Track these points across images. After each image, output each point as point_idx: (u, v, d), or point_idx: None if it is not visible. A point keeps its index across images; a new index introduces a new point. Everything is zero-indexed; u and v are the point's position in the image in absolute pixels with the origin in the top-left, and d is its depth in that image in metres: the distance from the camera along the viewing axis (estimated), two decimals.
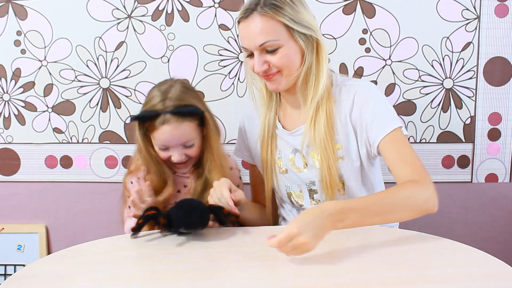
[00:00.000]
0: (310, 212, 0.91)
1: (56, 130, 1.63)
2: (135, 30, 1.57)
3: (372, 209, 0.97)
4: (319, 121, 1.12)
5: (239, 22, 1.09)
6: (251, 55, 1.09)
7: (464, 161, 1.61)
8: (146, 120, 1.15)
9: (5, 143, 1.64)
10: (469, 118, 1.59)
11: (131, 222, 1.16)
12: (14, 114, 1.62)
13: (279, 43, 1.06)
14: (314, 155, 1.16)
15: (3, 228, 1.67)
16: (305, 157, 1.18)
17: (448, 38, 1.54)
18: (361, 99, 1.12)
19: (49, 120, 1.62)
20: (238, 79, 1.58)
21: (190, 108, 1.14)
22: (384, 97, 1.14)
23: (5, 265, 1.69)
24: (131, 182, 1.24)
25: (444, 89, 1.58)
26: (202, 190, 1.22)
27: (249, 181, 1.39)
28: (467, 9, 1.53)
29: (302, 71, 1.10)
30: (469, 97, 1.58)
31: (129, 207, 1.13)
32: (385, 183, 1.25)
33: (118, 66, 1.59)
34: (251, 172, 1.35)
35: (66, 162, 1.64)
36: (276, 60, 1.07)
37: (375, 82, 1.55)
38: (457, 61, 1.56)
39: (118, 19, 1.56)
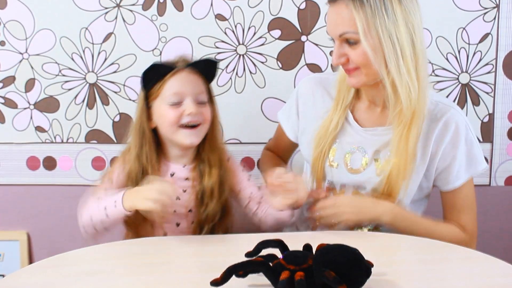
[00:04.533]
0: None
1: (39, 129, 1.63)
2: (124, 20, 1.56)
3: (416, 227, 1.14)
4: (411, 139, 1.11)
5: (327, 4, 1.10)
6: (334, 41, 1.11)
7: None
8: (158, 75, 1.17)
9: None
10: (487, 116, 1.59)
11: (95, 205, 1.16)
12: None
13: (359, 37, 1.05)
14: (378, 161, 1.17)
15: None
16: (368, 159, 1.17)
17: (464, 29, 1.54)
18: (453, 128, 1.15)
19: (31, 118, 1.62)
20: (236, 73, 1.58)
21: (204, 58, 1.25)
22: (474, 133, 1.19)
23: None
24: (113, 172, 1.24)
25: (460, 85, 1.58)
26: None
27: None
28: None
29: (389, 76, 1.07)
30: (487, 93, 1.58)
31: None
32: None
33: (106, 59, 1.58)
34: (281, 137, 1.35)
35: (50, 163, 1.64)
36: (356, 55, 1.07)
37: None
38: (474, 54, 1.56)
39: (106, 8, 1.56)
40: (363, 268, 0.80)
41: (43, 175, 1.65)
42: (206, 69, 1.22)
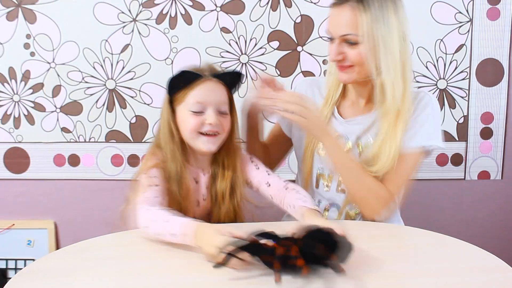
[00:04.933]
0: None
1: (64, 130, 1.64)
2: (140, 33, 1.58)
3: (348, 164, 1.11)
4: (398, 131, 1.11)
5: (332, 6, 1.12)
6: (332, 39, 1.12)
7: (457, 159, 1.63)
8: (185, 82, 1.09)
9: (15, 142, 1.66)
10: (462, 118, 1.60)
11: (162, 227, 0.98)
12: (24, 114, 1.64)
13: (359, 39, 1.08)
14: (360, 146, 1.18)
15: (13, 224, 1.68)
16: (351, 144, 1.19)
17: (441, 40, 1.55)
18: (421, 104, 1.16)
19: (57, 120, 1.64)
20: None
21: (229, 70, 1.19)
22: (438, 113, 1.18)
23: (16, 260, 1.70)
24: (155, 177, 1.10)
25: (438, 90, 1.59)
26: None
27: None
28: (460, 12, 1.54)
29: (378, 76, 1.09)
30: (462, 97, 1.59)
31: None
32: None
33: (123, 68, 1.60)
34: (276, 130, 1.34)
35: (74, 160, 1.66)
36: (353, 55, 1.10)
37: None
38: (451, 62, 1.57)
39: (124, 22, 1.57)
40: (347, 244, 0.82)
41: (68, 170, 1.67)
42: (231, 81, 1.15)
